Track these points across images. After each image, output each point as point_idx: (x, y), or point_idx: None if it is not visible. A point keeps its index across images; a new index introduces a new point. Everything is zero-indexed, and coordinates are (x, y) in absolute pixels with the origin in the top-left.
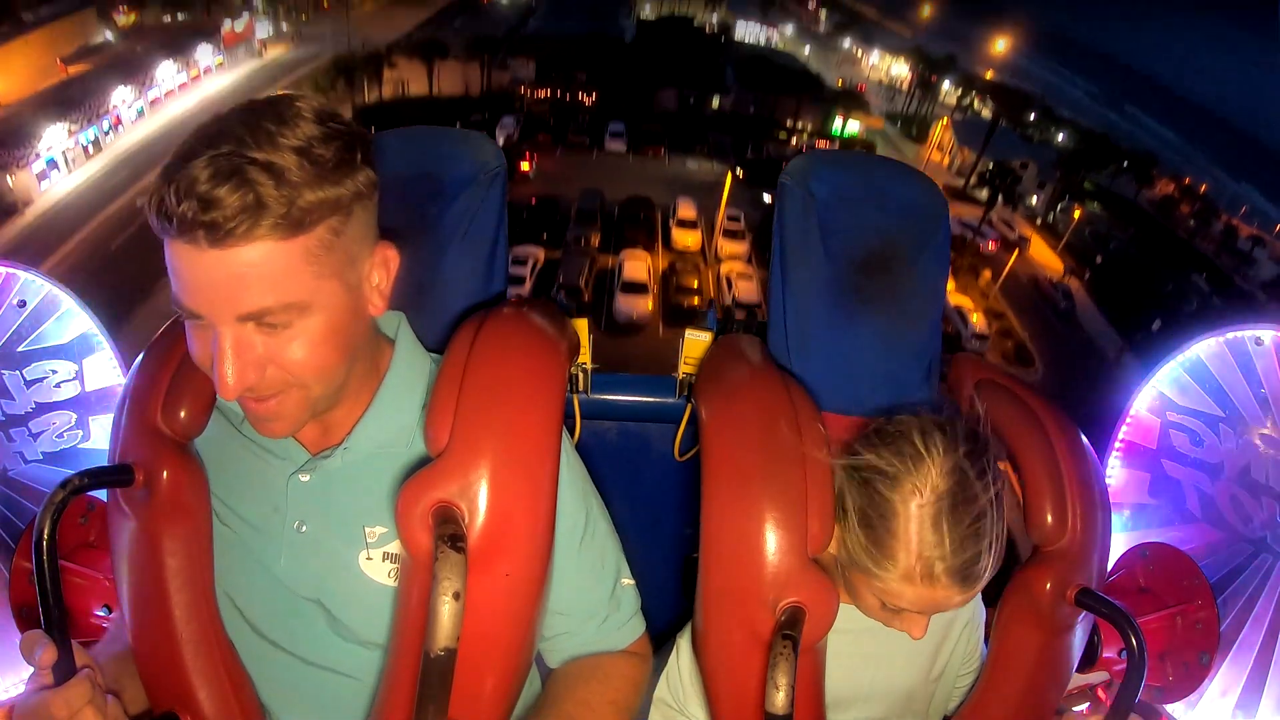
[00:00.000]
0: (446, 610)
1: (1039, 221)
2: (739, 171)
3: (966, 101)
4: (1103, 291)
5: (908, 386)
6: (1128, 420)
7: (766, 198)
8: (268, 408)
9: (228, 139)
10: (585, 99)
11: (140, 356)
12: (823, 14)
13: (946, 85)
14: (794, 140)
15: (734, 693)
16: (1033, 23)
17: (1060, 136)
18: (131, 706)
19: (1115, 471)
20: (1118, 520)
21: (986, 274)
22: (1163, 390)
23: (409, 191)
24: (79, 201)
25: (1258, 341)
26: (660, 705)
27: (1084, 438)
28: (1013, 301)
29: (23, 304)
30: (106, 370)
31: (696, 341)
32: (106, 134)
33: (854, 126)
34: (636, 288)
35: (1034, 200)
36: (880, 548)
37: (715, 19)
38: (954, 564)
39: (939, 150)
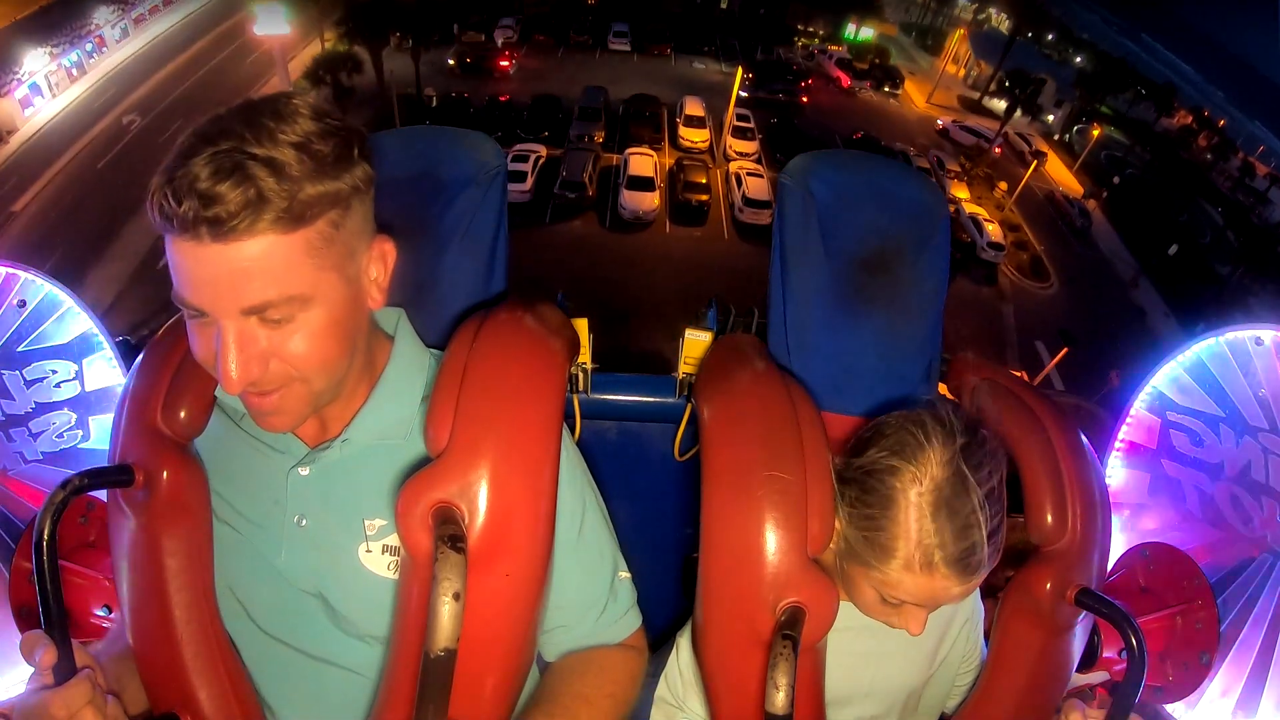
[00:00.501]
0: (446, 610)
1: (1056, 138)
2: (748, 75)
3: (983, 16)
4: (1118, 214)
5: (908, 386)
6: (1128, 420)
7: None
8: (270, 402)
9: (227, 136)
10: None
11: (140, 356)
12: None
13: None
14: (804, 43)
15: (734, 692)
16: None
17: (1079, 59)
18: (132, 707)
19: (1115, 471)
20: (1118, 520)
21: (1002, 185)
22: (1163, 390)
23: (409, 191)
24: (64, 126)
25: (1258, 341)
26: (661, 704)
27: (1084, 438)
28: (1028, 215)
29: (23, 304)
30: (106, 370)
31: (696, 341)
32: (90, 55)
33: (867, 33)
34: (643, 183)
35: (1051, 119)
36: (880, 537)
37: None
38: (953, 553)
39: (954, 62)
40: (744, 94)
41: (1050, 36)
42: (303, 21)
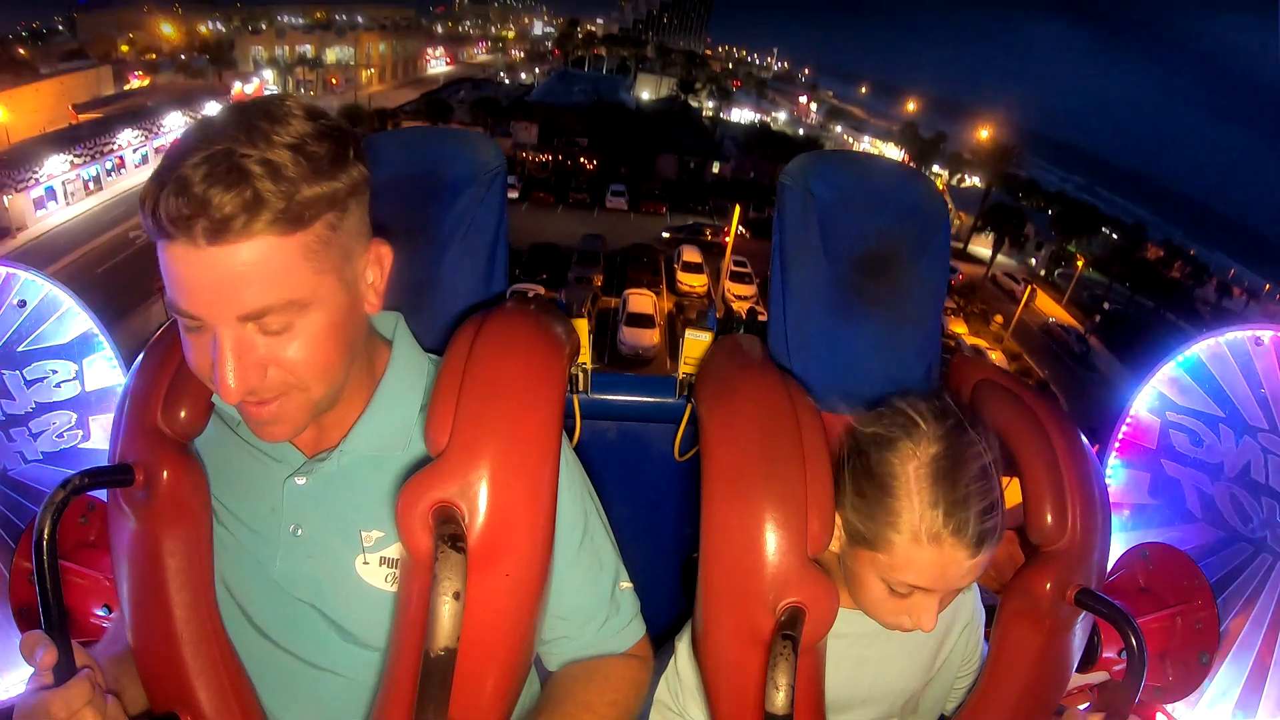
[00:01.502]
0: (446, 610)
1: (1042, 274)
2: (742, 230)
3: (957, 178)
4: (1112, 340)
5: (908, 386)
6: (1128, 420)
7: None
8: (269, 411)
9: (221, 138)
10: (586, 164)
11: (140, 356)
12: (813, 107)
13: (936, 168)
14: None
15: (734, 693)
16: (1010, 123)
17: (1050, 209)
18: (132, 707)
19: (1115, 471)
20: (1118, 520)
21: (998, 319)
22: (1163, 390)
23: (409, 191)
24: (72, 232)
25: (1258, 341)
26: (660, 707)
27: (1084, 438)
28: (1027, 347)
29: (23, 304)
30: (106, 370)
31: (696, 341)
32: (109, 173)
33: None
34: (642, 320)
35: (1033, 261)
36: (883, 515)
37: (711, 105)
38: (958, 520)
39: None
40: (742, 232)
41: (1020, 195)
42: None
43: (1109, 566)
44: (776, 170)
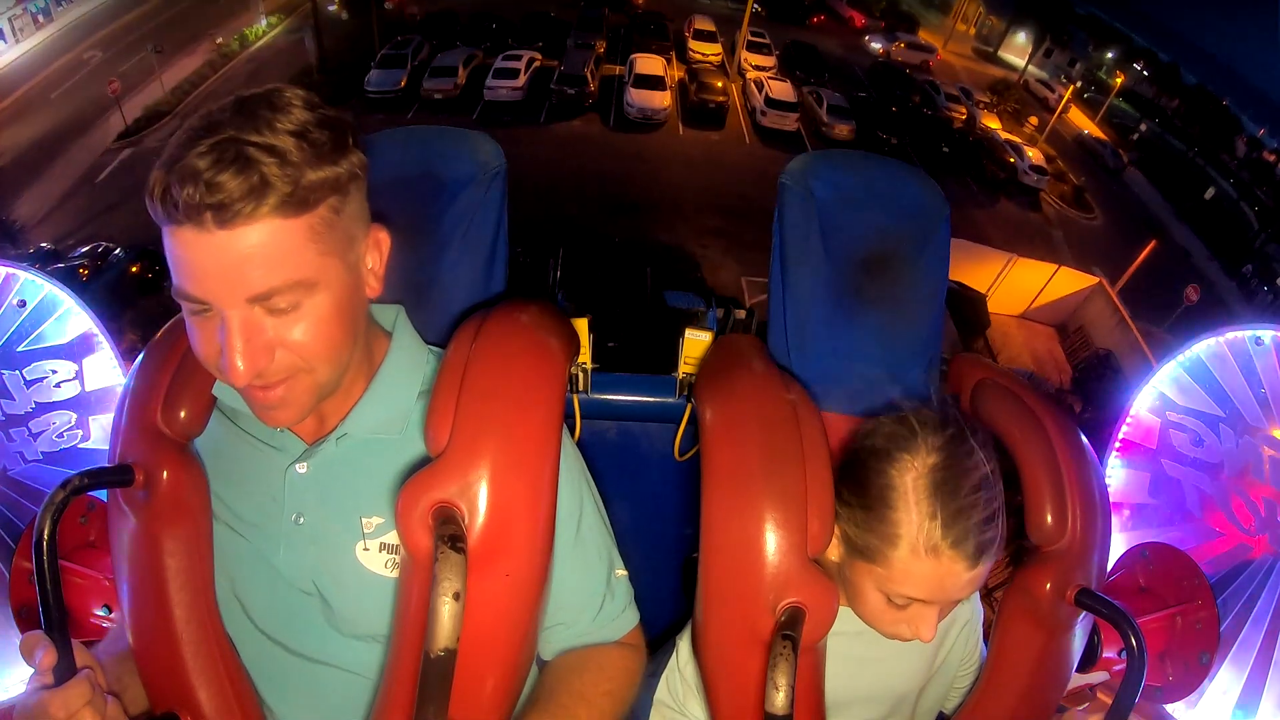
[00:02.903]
0: (446, 610)
1: (1078, 85)
2: (759, 8)
3: None
4: (1145, 162)
5: (908, 386)
6: (1128, 420)
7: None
8: (275, 395)
9: (225, 127)
10: None
11: (140, 356)
12: None
13: None
14: None
15: (734, 693)
16: None
17: (1085, 30)
18: (132, 707)
19: (1115, 471)
20: (1118, 520)
21: (1033, 120)
22: (1163, 390)
23: (409, 191)
24: (23, 67)
25: (1258, 341)
26: (660, 707)
27: (1084, 438)
28: (1062, 153)
29: (23, 304)
30: (106, 370)
31: (696, 341)
32: (59, 3)
33: None
34: (652, 81)
35: (1064, 79)
36: (882, 528)
37: None
38: (957, 532)
39: (963, 22)
40: (759, 11)
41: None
42: None
43: (1109, 566)
44: None
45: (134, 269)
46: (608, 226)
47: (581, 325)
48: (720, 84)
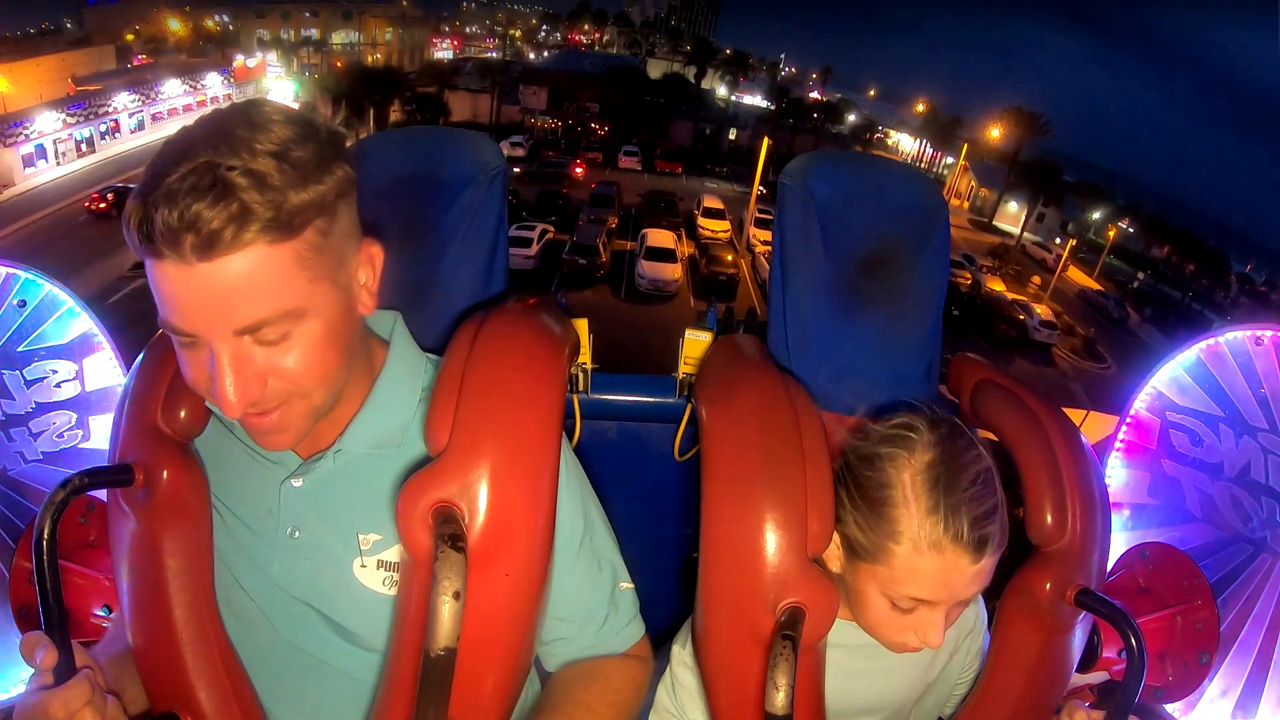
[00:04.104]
0: (446, 610)
1: (1073, 243)
2: (763, 189)
3: (976, 160)
4: (1145, 314)
5: (908, 386)
6: (1128, 420)
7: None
8: (271, 421)
9: (202, 150)
10: (598, 129)
11: (140, 356)
12: (823, 98)
13: (948, 159)
14: None
15: (734, 693)
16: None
17: (1071, 193)
18: (132, 707)
19: (1115, 471)
20: (1118, 520)
21: (1035, 280)
22: (1163, 390)
23: (409, 191)
24: (58, 189)
25: (1258, 341)
26: (659, 708)
27: (1084, 438)
28: (1067, 309)
29: (23, 304)
30: (106, 370)
31: (696, 341)
32: (103, 136)
33: None
34: (663, 254)
35: (1058, 240)
36: (884, 524)
37: (723, 90)
38: (959, 526)
39: (956, 197)
40: (760, 212)
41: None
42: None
43: (1109, 566)
44: (796, 141)
45: None
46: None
47: (581, 325)
48: (730, 258)
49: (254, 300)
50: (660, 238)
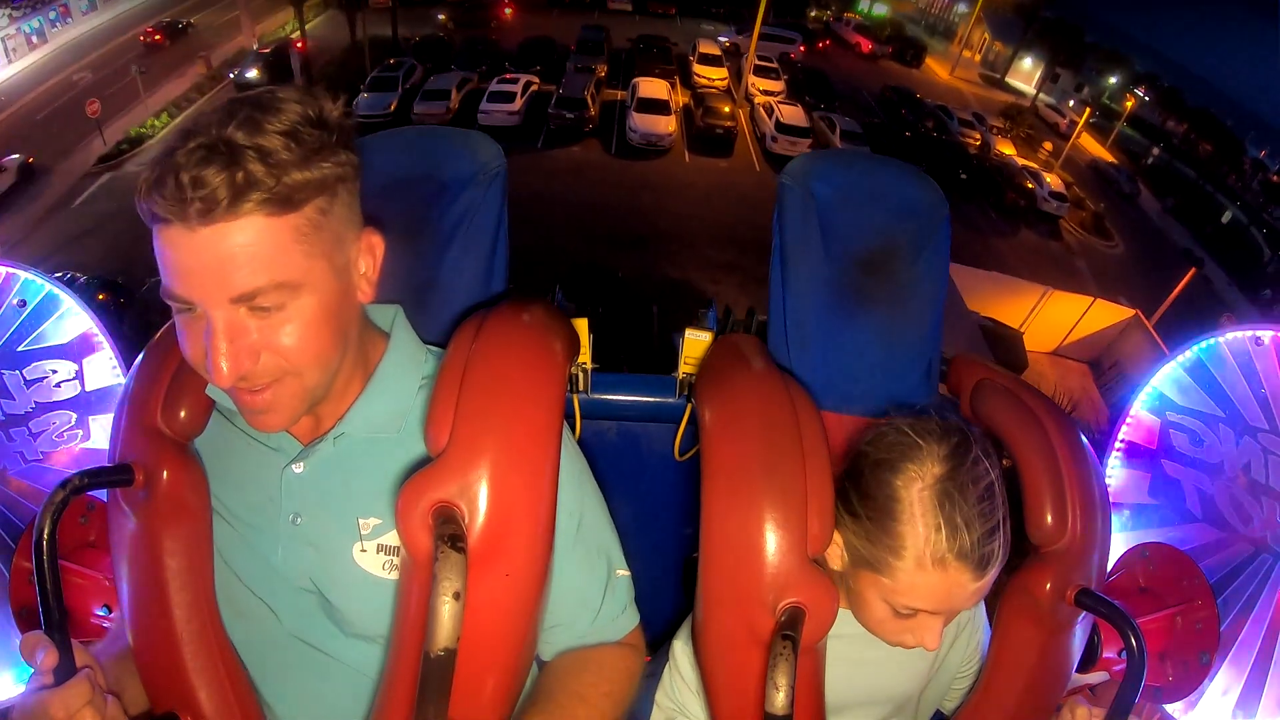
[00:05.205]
0: (446, 610)
1: (1089, 112)
2: (764, 32)
3: (992, 10)
4: (1159, 188)
5: (908, 386)
6: (1128, 420)
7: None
8: (263, 399)
9: (214, 127)
10: None
11: (140, 356)
12: None
13: (961, 6)
14: (817, 14)
15: (734, 693)
16: None
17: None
18: (132, 707)
19: (1115, 471)
20: (1118, 520)
21: (1047, 145)
22: (1163, 390)
23: (409, 191)
24: (13, 87)
25: (1258, 341)
26: (660, 708)
27: (1084, 438)
28: (1077, 179)
29: (23, 304)
30: (106, 370)
31: (696, 341)
32: (54, 23)
33: (880, 9)
34: (656, 105)
35: (1071, 104)
36: (888, 538)
37: None
38: (963, 544)
39: (968, 49)
40: (760, 59)
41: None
42: None
43: (1109, 566)
44: None
45: (100, 297)
46: (611, 261)
47: (581, 325)
48: (728, 109)
49: (251, 269)
50: (653, 88)
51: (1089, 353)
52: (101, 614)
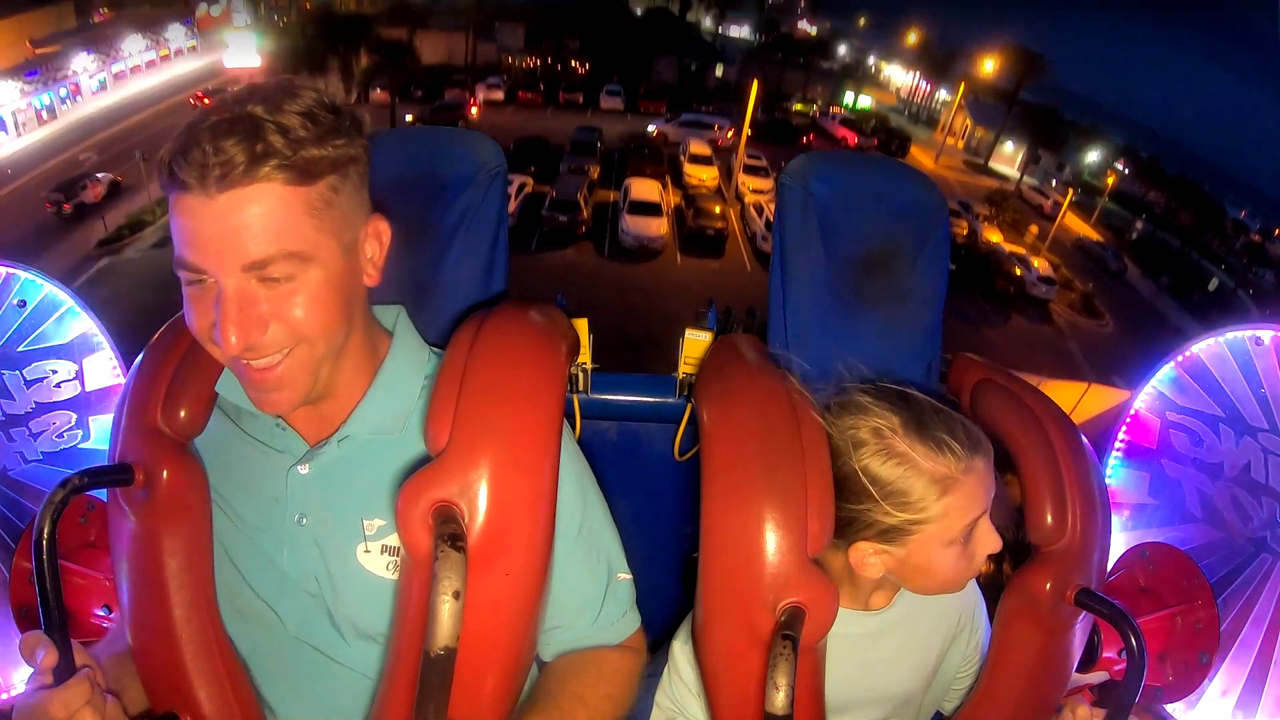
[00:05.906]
0: (446, 610)
1: (1069, 191)
2: (750, 131)
3: (972, 97)
4: (1145, 261)
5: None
6: (1128, 420)
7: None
8: (274, 375)
9: (236, 105)
10: (578, 68)
11: (140, 356)
12: (812, 30)
13: (942, 94)
14: (800, 108)
15: (734, 693)
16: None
17: (1071, 137)
18: (132, 707)
19: (1115, 471)
20: (1118, 520)
21: (1033, 229)
22: (1163, 390)
23: (409, 191)
24: (20, 161)
25: (1258, 341)
26: (659, 708)
27: (1084, 438)
28: (1064, 260)
29: (23, 304)
30: (106, 370)
31: (696, 341)
32: (64, 101)
33: (865, 101)
34: (647, 207)
35: (1054, 183)
36: (908, 489)
37: (709, 22)
38: (954, 446)
39: (951, 135)
40: (749, 158)
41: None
42: (277, 58)
43: (1109, 566)
44: (784, 77)
45: None
46: (605, 366)
47: (581, 325)
48: (718, 209)
49: (264, 237)
50: (645, 189)
51: (1088, 437)
52: (101, 614)
